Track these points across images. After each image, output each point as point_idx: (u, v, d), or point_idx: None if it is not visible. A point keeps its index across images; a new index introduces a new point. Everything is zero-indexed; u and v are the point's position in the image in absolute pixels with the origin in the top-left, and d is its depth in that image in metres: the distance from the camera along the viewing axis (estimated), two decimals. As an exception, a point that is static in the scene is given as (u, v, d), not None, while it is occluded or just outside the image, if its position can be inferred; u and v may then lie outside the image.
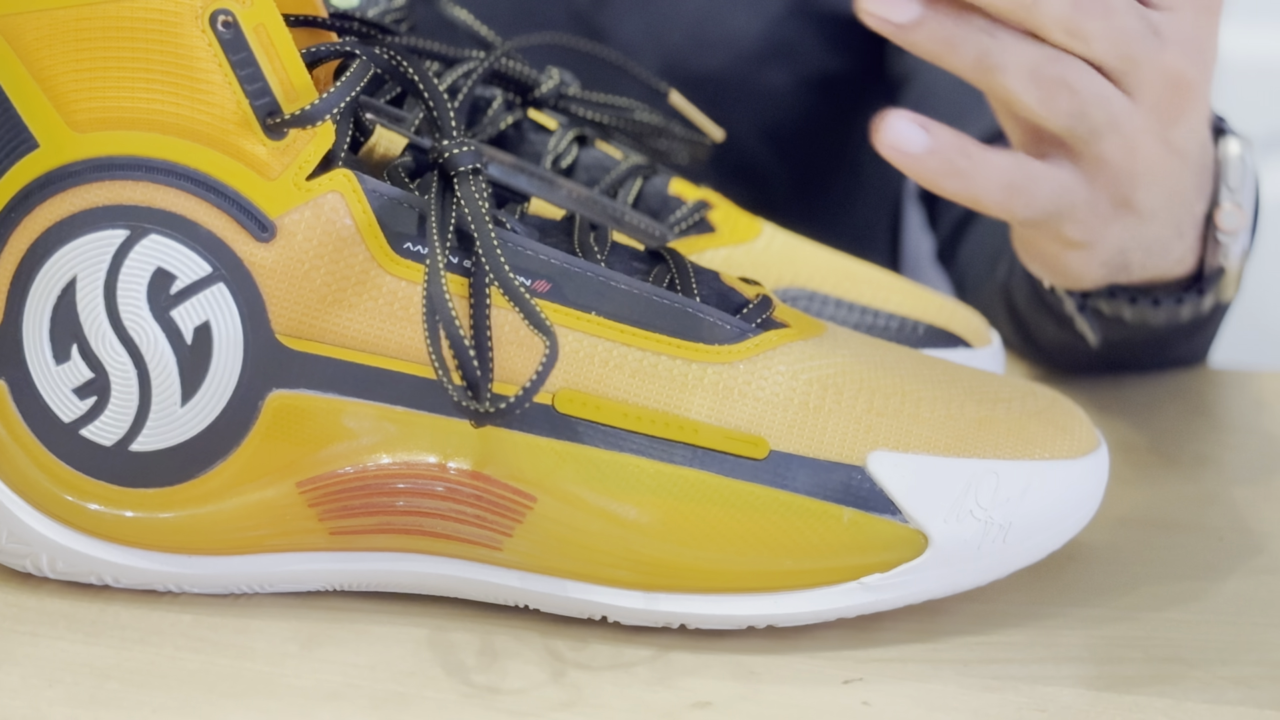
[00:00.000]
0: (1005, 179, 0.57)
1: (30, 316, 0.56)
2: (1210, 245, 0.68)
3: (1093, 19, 0.55)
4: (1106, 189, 0.59)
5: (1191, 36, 0.58)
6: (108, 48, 0.54)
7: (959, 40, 0.55)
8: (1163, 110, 0.58)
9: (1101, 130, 0.57)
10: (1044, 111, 0.56)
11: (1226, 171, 0.66)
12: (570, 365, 0.55)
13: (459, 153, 0.56)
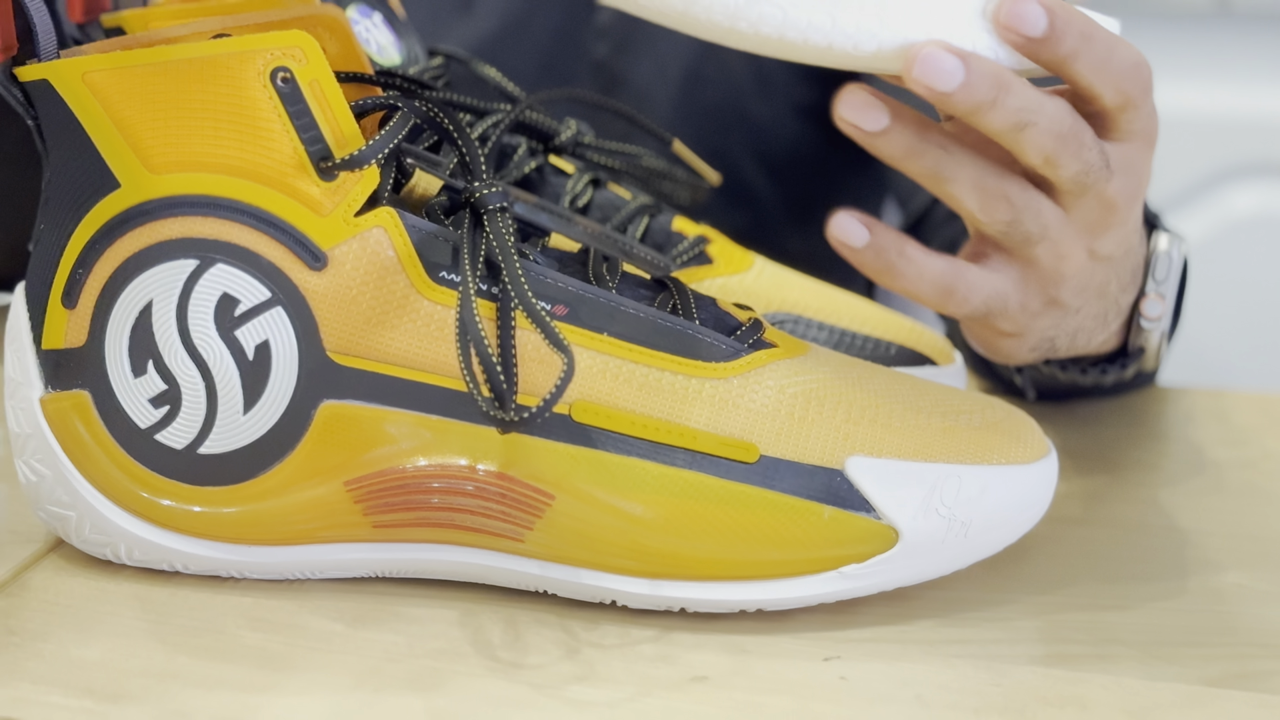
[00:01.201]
0: (940, 282, 0.58)
1: (112, 336, 0.56)
2: (1134, 328, 0.68)
3: (1067, 152, 0.55)
4: (1036, 288, 0.59)
5: (1134, 166, 0.58)
6: (181, 100, 0.54)
7: (918, 151, 0.55)
8: (1092, 226, 0.59)
9: (1034, 238, 0.57)
10: (983, 218, 0.56)
11: (1155, 264, 0.66)
12: (585, 380, 0.56)
13: (488, 193, 0.56)
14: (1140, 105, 0.57)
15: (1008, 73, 0.53)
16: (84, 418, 0.57)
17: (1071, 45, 0.54)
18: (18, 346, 0.58)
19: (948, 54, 0.52)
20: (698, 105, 1.01)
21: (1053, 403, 0.79)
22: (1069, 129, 0.55)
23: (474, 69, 0.76)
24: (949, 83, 0.53)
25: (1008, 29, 0.54)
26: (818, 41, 0.54)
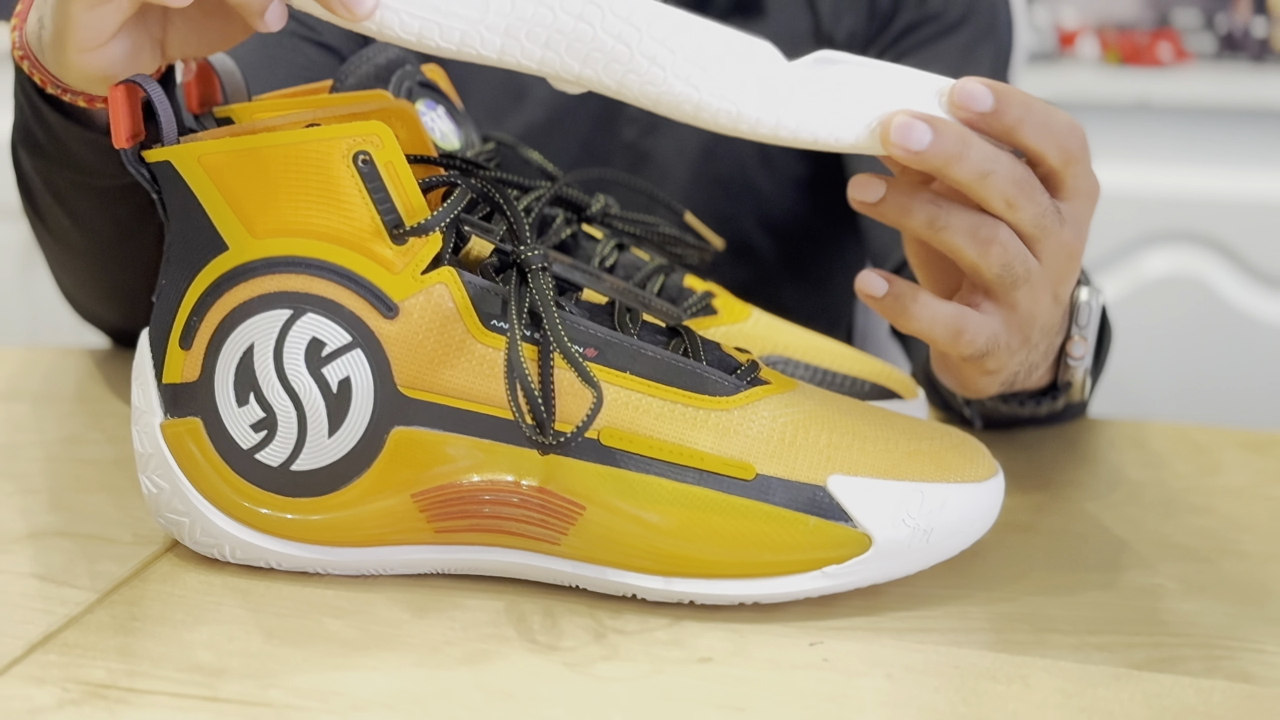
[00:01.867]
0: (951, 324, 0.57)
1: (220, 372, 0.56)
2: (1062, 366, 0.68)
3: (1023, 196, 0.55)
4: (1017, 329, 0.59)
5: (1081, 220, 0.58)
6: (279, 178, 0.55)
7: (914, 209, 0.55)
8: (1058, 272, 0.58)
9: (1020, 281, 0.57)
10: (982, 262, 0.56)
11: (1078, 312, 0.67)
12: (611, 410, 0.56)
13: (531, 255, 0.56)
14: (1081, 160, 0.57)
15: (968, 131, 0.54)
16: (196, 440, 0.57)
17: (1016, 115, 0.54)
18: (142, 381, 0.58)
19: (917, 120, 0.53)
20: (710, 177, 1.01)
21: (997, 431, 0.78)
22: (1023, 176, 0.55)
23: (521, 153, 0.77)
24: (921, 143, 0.53)
25: (960, 107, 0.54)
26: (807, 136, 0.55)
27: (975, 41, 1.01)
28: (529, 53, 0.54)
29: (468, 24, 0.53)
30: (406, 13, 0.53)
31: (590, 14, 0.53)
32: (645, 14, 0.53)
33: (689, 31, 0.54)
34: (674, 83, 0.54)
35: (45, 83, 0.61)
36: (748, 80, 0.54)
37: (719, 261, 0.97)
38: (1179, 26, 1.72)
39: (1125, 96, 1.54)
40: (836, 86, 0.54)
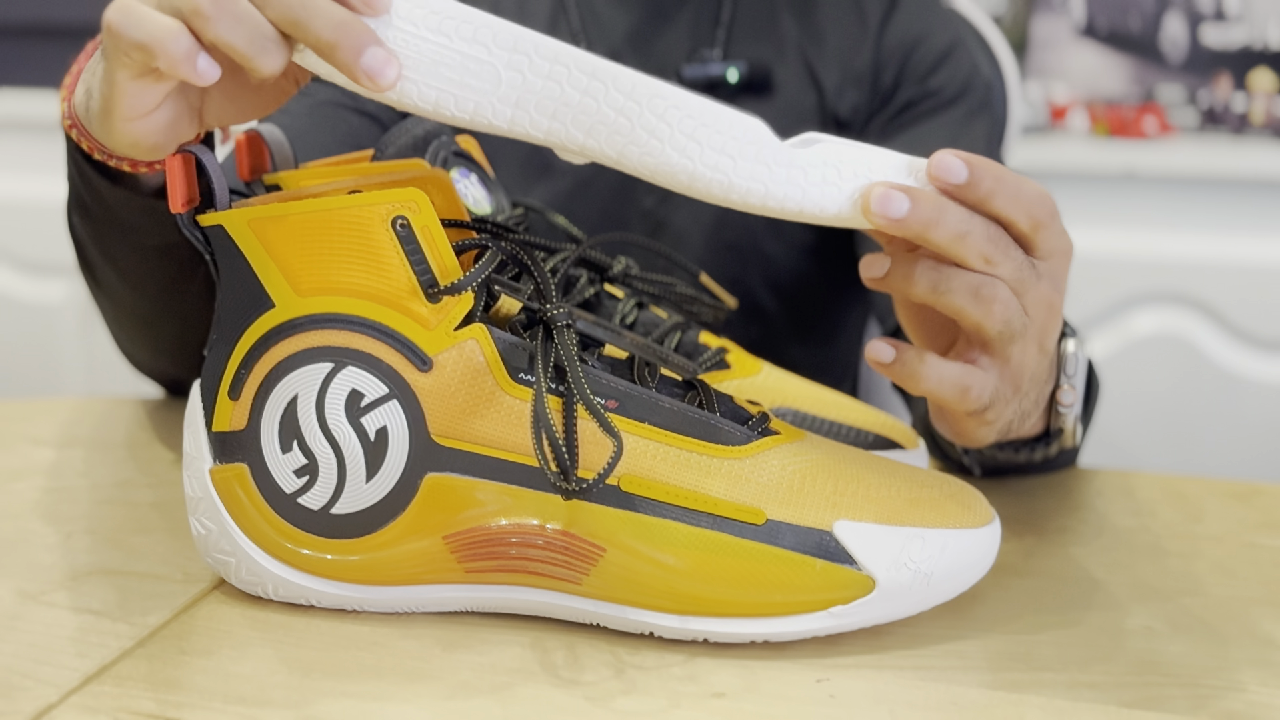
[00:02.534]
0: (958, 383, 0.57)
1: (266, 421, 0.56)
2: (1053, 413, 0.68)
3: (999, 253, 0.56)
4: (1010, 380, 0.59)
5: (1057, 274, 0.59)
6: (323, 240, 0.55)
7: (917, 276, 0.56)
8: (1041, 323, 0.59)
9: (1016, 336, 0.57)
10: (986, 320, 0.56)
11: (1065, 362, 0.67)
12: (631, 458, 0.56)
13: (557, 313, 0.56)
14: (1049, 225, 0.57)
15: (942, 197, 0.55)
16: (243, 485, 0.57)
17: (988, 186, 0.55)
18: (194, 429, 0.58)
19: (896, 190, 0.54)
20: (723, 243, 1.01)
21: (994, 479, 0.78)
22: (997, 234, 0.56)
23: (548, 217, 0.77)
24: (900, 211, 0.54)
25: (936, 179, 0.55)
26: (793, 207, 0.56)
27: (970, 115, 1.01)
28: (537, 123, 0.54)
29: (481, 95, 0.54)
30: (424, 84, 0.54)
31: (595, 89, 0.54)
32: (646, 91, 0.54)
33: (686, 108, 0.54)
34: (670, 154, 0.54)
35: (93, 149, 0.62)
36: (738, 154, 0.55)
37: (732, 320, 0.97)
38: (1164, 102, 1.73)
39: (1113, 166, 1.55)
40: (821, 163, 0.55)
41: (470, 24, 0.53)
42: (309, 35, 0.52)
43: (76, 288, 1.72)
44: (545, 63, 0.54)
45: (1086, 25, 1.75)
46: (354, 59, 0.51)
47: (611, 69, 0.54)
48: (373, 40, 0.52)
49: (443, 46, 0.53)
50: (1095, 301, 1.56)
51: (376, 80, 0.52)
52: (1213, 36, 1.69)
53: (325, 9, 0.52)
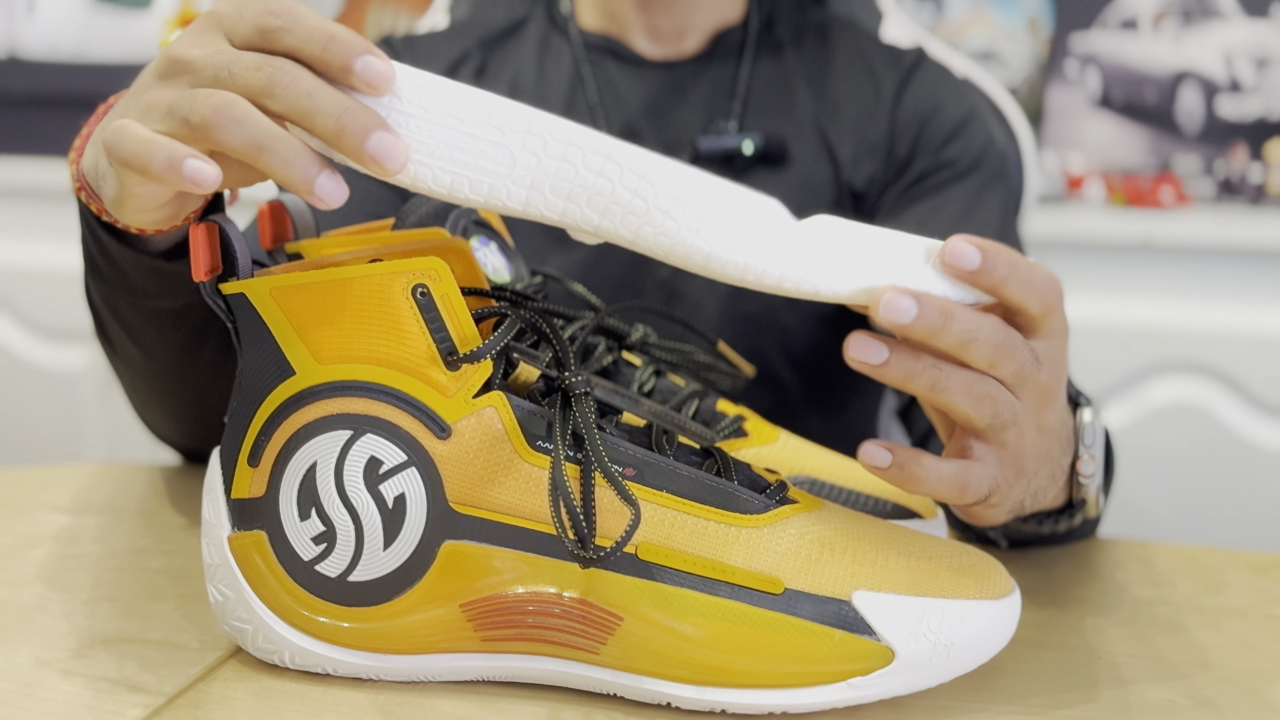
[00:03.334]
0: (955, 481, 0.57)
1: (285, 488, 0.56)
2: (1074, 484, 0.68)
3: (1003, 356, 0.56)
4: (1010, 465, 0.59)
5: (1056, 357, 0.59)
6: (344, 308, 0.55)
7: (917, 373, 0.55)
8: (1036, 408, 0.59)
9: (1008, 424, 0.58)
10: (976, 415, 0.57)
11: (1083, 433, 0.67)
12: (648, 526, 0.56)
13: (575, 381, 0.56)
14: (1058, 309, 0.58)
15: (952, 303, 0.55)
16: (261, 552, 0.57)
17: (1002, 273, 0.55)
18: (213, 496, 0.59)
19: (904, 295, 0.54)
20: (739, 313, 1.02)
21: (1015, 550, 0.78)
22: (1003, 339, 0.56)
23: (566, 286, 0.77)
24: (906, 317, 0.54)
25: (951, 266, 0.55)
26: (808, 289, 0.56)
27: (985, 186, 1.02)
28: (551, 205, 0.55)
29: (495, 178, 0.54)
30: (439, 168, 0.54)
31: (610, 170, 0.54)
32: (660, 172, 0.54)
33: (700, 189, 0.54)
34: (685, 235, 0.55)
35: (101, 211, 0.63)
36: (753, 235, 0.55)
37: (749, 388, 0.97)
38: (1180, 172, 1.73)
39: (1130, 236, 1.55)
40: (836, 245, 0.55)
41: (483, 108, 0.53)
42: (315, 126, 0.52)
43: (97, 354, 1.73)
44: (559, 145, 0.54)
45: (1102, 96, 1.76)
46: (359, 144, 0.52)
47: (625, 150, 0.54)
48: (378, 124, 0.52)
49: (455, 130, 0.53)
50: (1113, 371, 1.55)
51: (383, 164, 0.52)
52: (1228, 108, 1.70)
53: (329, 98, 0.52)
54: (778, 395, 1.03)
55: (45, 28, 1.77)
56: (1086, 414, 0.67)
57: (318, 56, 0.53)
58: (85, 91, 1.75)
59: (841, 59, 1.06)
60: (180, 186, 0.52)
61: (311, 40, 0.53)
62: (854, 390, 1.09)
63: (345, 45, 0.52)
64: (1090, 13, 1.77)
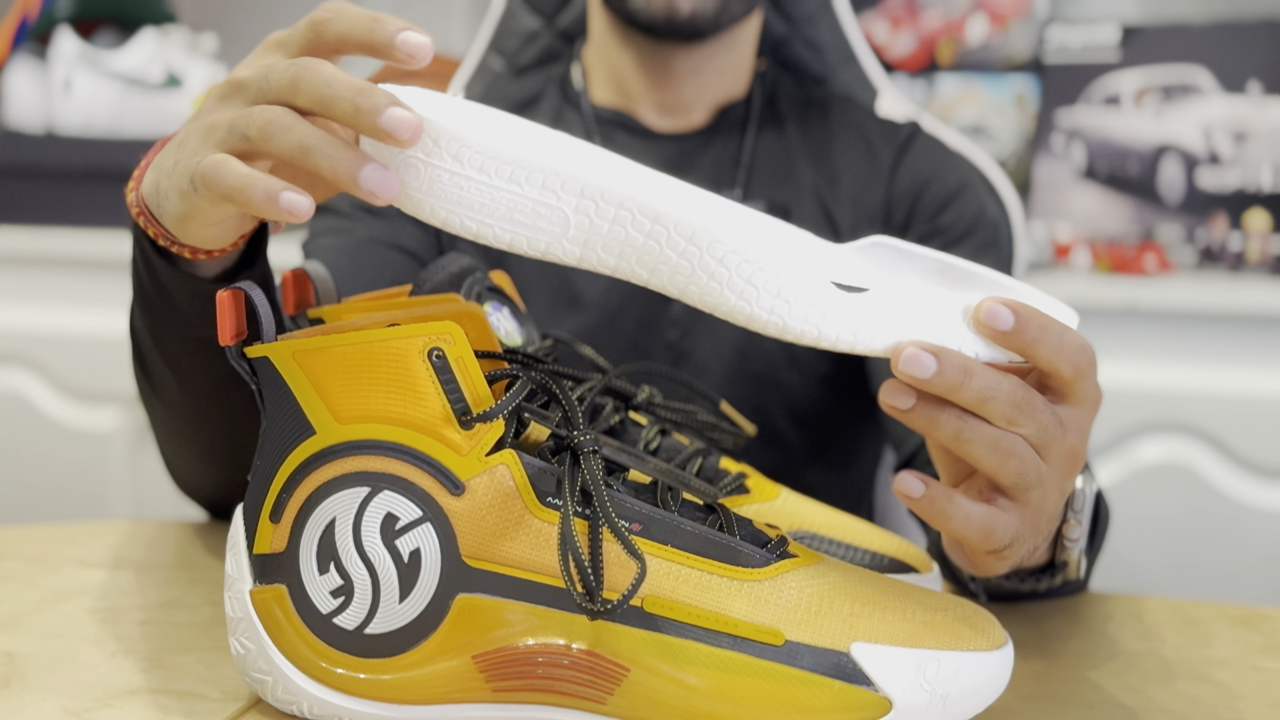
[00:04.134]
0: (983, 525, 0.57)
1: (305, 543, 0.56)
2: (1059, 546, 0.68)
3: (1024, 415, 0.55)
4: (1030, 521, 0.59)
5: (1083, 425, 0.58)
6: (362, 371, 0.56)
7: (942, 422, 0.55)
8: (1063, 471, 0.58)
9: (1033, 484, 0.57)
10: (1000, 471, 0.56)
11: (1073, 498, 0.67)
12: (654, 580, 0.55)
13: (583, 440, 0.57)
14: (1088, 376, 0.57)
15: (971, 360, 0.55)
16: (281, 606, 0.57)
17: (1033, 335, 0.55)
18: (236, 551, 0.59)
19: (924, 351, 0.54)
20: (743, 374, 1.02)
21: (1006, 604, 0.77)
22: (1023, 399, 0.55)
23: (576, 349, 0.78)
24: (926, 372, 0.54)
25: (985, 326, 0.55)
26: (844, 348, 0.56)
27: (979, 252, 1.02)
28: (604, 261, 0.56)
29: (551, 237, 0.55)
30: (499, 227, 0.55)
31: (658, 233, 0.55)
32: (707, 236, 0.55)
33: (745, 253, 0.55)
34: (729, 296, 0.55)
35: (158, 235, 0.63)
36: (793, 299, 0.55)
37: (751, 446, 0.97)
38: (1163, 240, 1.74)
39: (1116, 302, 1.55)
40: (874, 308, 0.56)
41: (541, 171, 0.55)
42: (333, 111, 0.54)
43: (125, 416, 1.73)
44: (611, 208, 0.55)
45: (1087, 169, 1.77)
46: (374, 120, 0.53)
47: (674, 215, 0.55)
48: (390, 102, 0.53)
49: (515, 194, 0.55)
50: (1102, 431, 1.55)
51: (397, 136, 0.53)
52: (1208, 179, 1.71)
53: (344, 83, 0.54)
54: (781, 452, 1.03)
55: (80, 105, 1.79)
56: (1078, 479, 0.67)
57: (364, 38, 0.56)
58: (117, 165, 1.76)
59: (840, 132, 1.07)
60: (278, 217, 0.55)
61: (358, 24, 0.57)
62: (854, 448, 1.09)
63: (386, 24, 0.56)
64: (1075, 90, 1.79)
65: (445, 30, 2.09)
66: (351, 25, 0.57)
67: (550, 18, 1.23)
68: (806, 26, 1.21)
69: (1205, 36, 1.73)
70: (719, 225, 0.55)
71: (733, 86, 1.07)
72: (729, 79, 1.07)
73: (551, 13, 1.23)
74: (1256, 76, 1.71)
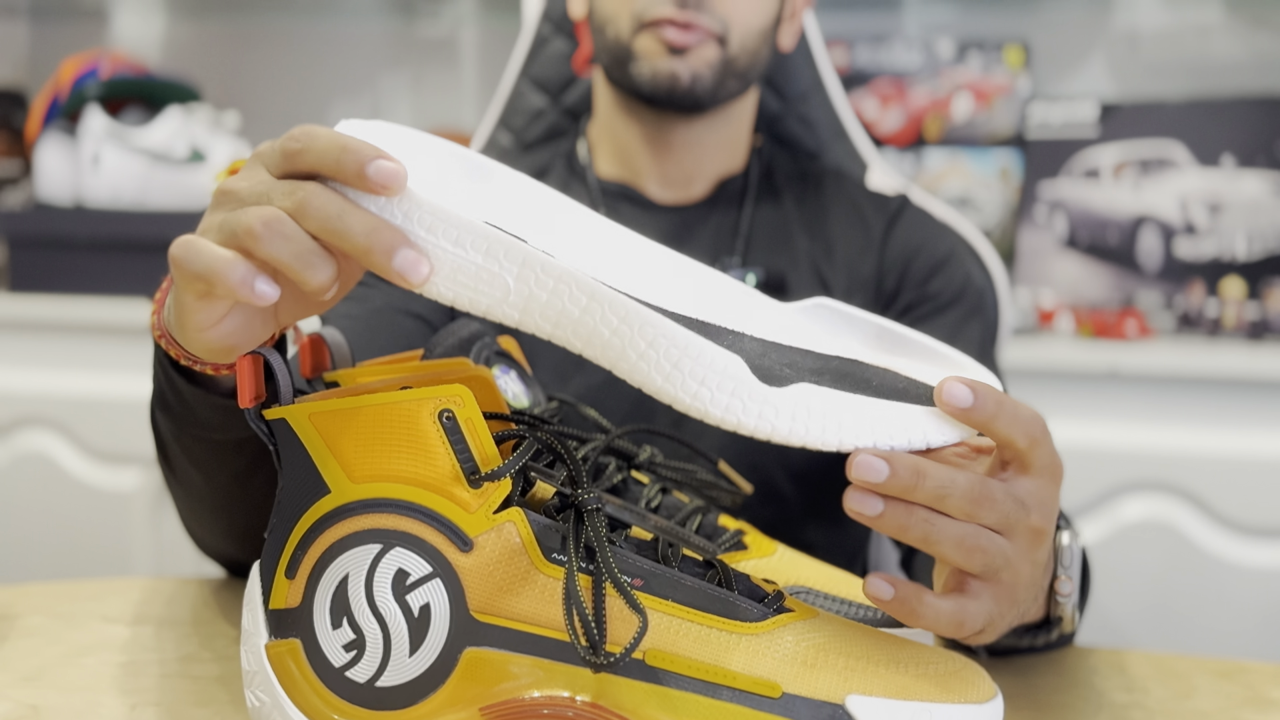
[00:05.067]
0: (952, 618, 0.57)
1: (319, 599, 0.56)
2: (1052, 602, 0.68)
3: (981, 507, 0.55)
4: (1004, 598, 0.59)
5: (1044, 498, 0.58)
6: (376, 432, 0.56)
7: (910, 526, 0.55)
8: (1029, 548, 0.58)
9: (1000, 568, 0.57)
10: (967, 564, 0.56)
11: (1061, 554, 0.66)
12: (655, 633, 0.55)
13: (587, 498, 0.57)
14: (1043, 444, 0.57)
15: (924, 461, 0.54)
16: (295, 659, 0.57)
17: (990, 410, 0.55)
18: (252, 606, 0.58)
19: (875, 457, 0.54)
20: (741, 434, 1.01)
21: (995, 659, 0.77)
22: (979, 492, 0.55)
23: (580, 410, 0.78)
24: (879, 477, 0.54)
25: (946, 404, 0.55)
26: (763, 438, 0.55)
27: (965, 318, 1.03)
28: (540, 327, 0.56)
29: (492, 300, 0.56)
30: (443, 284, 0.55)
31: (593, 309, 0.55)
32: (638, 318, 0.55)
33: (672, 338, 0.55)
34: (654, 377, 0.55)
35: (179, 356, 0.64)
36: (716, 387, 0.55)
37: (749, 504, 0.97)
38: (1142, 307, 1.74)
39: (1098, 365, 1.55)
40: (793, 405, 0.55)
41: (485, 238, 0.55)
42: (345, 244, 0.54)
43: (147, 477, 1.73)
44: (550, 279, 0.55)
45: (1069, 238, 1.78)
46: (387, 261, 0.53)
47: (609, 294, 0.55)
48: (403, 242, 0.54)
49: (459, 257, 0.55)
50: (1085, 490, 1.55)
51: (408, 278, 0.54)
52: (1185, 249, 1.72)
53: (356, 218, 0.54)
54: (778, 509, 1.03)
55: (108, 179, 1.81)
56: (1065, 536, 0.67)
57: (334, 167, 0.54)
58: (143, 237, 1.77)
59: (834, 204, 1.08)
60: (250, 300, 0.54)
61: (327, 153, 0.54)
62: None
63: (356, 154, 0.54)
64: (1056, 163, 1.80)
65: (456, 107, 2.11)
66: (320, 156, 0.55)
67: (556, 96, 1.25)
68: (800, 104, 1.22)
69: (1180, 113, 1.75)
70: (649, 311, 0.55)
71: (731, 160, 1.08)
72: (727, 152, 1.08)
73: (557, 91, 1.25)
74: (1230, 150, 1.72)
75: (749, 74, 1.03)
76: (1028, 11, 1.90)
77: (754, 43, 1.01)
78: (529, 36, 1.27)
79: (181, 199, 1.82)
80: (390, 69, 2.13)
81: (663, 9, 0.97)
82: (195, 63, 2.18)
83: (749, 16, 1.00)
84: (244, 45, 2.16)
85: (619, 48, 1.00)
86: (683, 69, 0.98)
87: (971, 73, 1.86)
